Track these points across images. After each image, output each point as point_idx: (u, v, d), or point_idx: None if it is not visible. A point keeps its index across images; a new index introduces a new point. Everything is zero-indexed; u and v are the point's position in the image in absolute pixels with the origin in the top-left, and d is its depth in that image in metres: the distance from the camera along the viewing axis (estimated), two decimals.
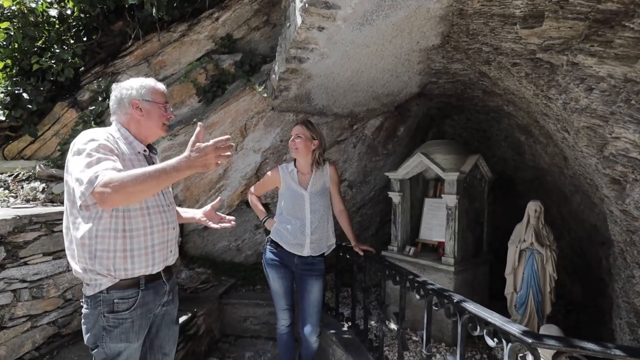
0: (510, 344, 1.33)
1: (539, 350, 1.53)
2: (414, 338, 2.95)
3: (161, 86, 1.70)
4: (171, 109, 1.74)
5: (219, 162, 1.29)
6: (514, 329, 1.31)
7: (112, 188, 1.26)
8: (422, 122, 4.37)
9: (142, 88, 1.62)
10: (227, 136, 1.30)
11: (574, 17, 1.47)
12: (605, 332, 2.50)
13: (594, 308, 2.89)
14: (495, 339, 1.41)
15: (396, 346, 2.89)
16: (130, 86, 1.62)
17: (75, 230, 1.45)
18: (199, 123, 1.33)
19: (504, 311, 2.80)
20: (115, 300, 1.49)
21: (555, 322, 2.99)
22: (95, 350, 1.50)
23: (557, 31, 1.56)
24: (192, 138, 1.29)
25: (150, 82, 1.67)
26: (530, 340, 1.24)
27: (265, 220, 2.65)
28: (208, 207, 1.89)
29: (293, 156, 2.49)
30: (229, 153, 1.30)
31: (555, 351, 1.24)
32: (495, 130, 3.68)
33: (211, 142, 1.26)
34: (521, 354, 1.30)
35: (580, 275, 3.17)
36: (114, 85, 1.66)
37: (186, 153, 1.28)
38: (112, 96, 1.65)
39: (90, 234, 1.42)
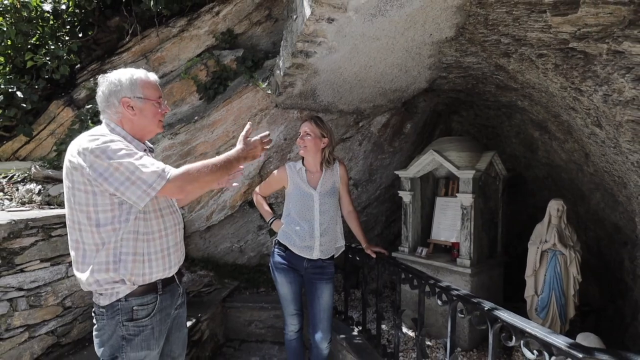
0: (553, 357, 1.23)
1: None
2: (428, 343, 2.85)
3: (153, 77, 1.54)
4: (165, 103, 1.59)
5: (261, 153, 1.56)
6: (560, 341, 1.20)
7: (190, 179, 1.34)
8: (429, 119, 4.27)
9: (132, 84, 1.45)
10: (266, 132, 1.59)
11: (615, 1, 1.36)
12: (628, 337, 2.41)
13: (613, 311, 2.79)
14: (535, 352, 1.30)
15: (410, 352, 2.79)
16: (118, 80, 1.44)
17: (99, 235, 1.35)
18: (249, 122, 1.59)
19: (519, 314, 2.71)
20: (134, 308, 1.41)
21: (572, 325, 2.90)
22: None
23: (594, 18, 1.45)
24: (243, 133, 1.53)
25: (141, 74, 1.49)
26: (581, 355, 1.13)
27: (272, 222, 2.54)
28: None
29: (301, 154, 2.38)
30: (268, 147, 1.59)
31: None
32: (506, 127, 3.58)
33: (257, 137, 1.55)
34: None
35: (597, 276, 3.07)
36: (100, 79, 1.48)
37: (240, 146, 1.50)
38: (99, 92, 1.46)
39: (116, 237, 1.35)
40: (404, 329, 2.81)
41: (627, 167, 1.64)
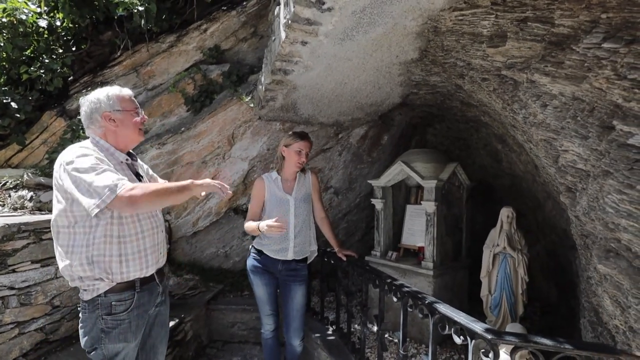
0: (474, 341, 1.44)
1: (505, 347, 1.65)
2: (395, 340, 3.05)
3: (127, 92, 1.71)
4: (142, 112, 1.75)
5: (211, 191, 1.66)
6: (477, 327, 1.42)
7: (139, 196, 1.43)
8: (405, 131, 4.51)
9: (110, 99, 1.63)
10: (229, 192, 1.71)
11: (532, 38, 1.61)
12: (575, 331, 2.63)
13: (567, 309, 3.02)
14: (461, 337, 1.51)
15: (377, 347, 2.98)
16: (97, 99, 1.62)
17: (72, 237, 1.51)
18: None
19: (482, 313, 2.92)
20: (112, 303, 1.56)
21: (531, 323, 3.12)
22: (93, 352, 1.57)
23: (518, 50, 1.69)
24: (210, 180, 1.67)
25: (116, 90, 1.67)
26: (490, 337, 1.35)
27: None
28: None
29: (295, 170, 2.53)
30: (226, 194, 1.68)
31: (513, 346, 1.35)
32: (474, 139, 3.83)
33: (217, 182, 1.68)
34: (483, 350, 1.41)
35: (554, 278, 3.31)
36: (81, 100, 1.66)
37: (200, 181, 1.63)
38: (82, 111, 1.64)
39: (87, 242, 1.50)
40: (374, 328, 2.99)
41: (553, 178, 1.88)
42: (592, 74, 1.30)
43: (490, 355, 1.35)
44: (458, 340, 1.51)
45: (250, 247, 2.65)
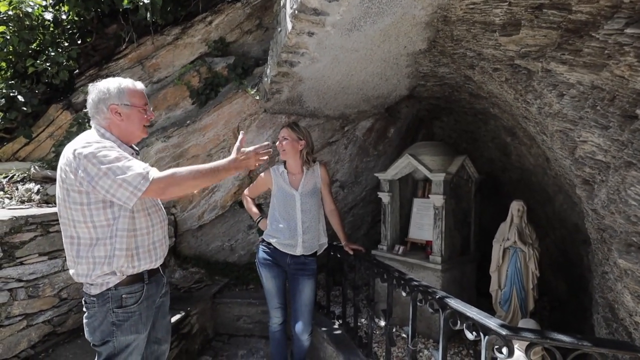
0: (487, 337, 1.41)
1: (518, 343, 1.62)
2: (403, 335, 3.03)
3: (140, 86, 1.66)
4: (151, 109, 1.71)
5: (257, 164, 1.62)
6: (491, 322, 1.39)
7: (173, 182, 1.45)
8: (412, 124, 4.45)
9: (120, 92, 1.56)
10: (266, 143, 1.67)
11: (547, 26, 1.55)
12: (587, 327, 2.59)
13: (577, 305, 2.98)
14: (474, 333, 1.48)
15: (385, 342, 2.96)
16: (106, 89, 1.55)
17: (94, 230, 1.49)
18: (242, 132, 1.66)
19: (491, 308, 2.89)
20: (123, 296, 1.56)
21: (541, 319, 3.08)
22: (103, 345, 1.56)
23: (532, 39, 1.64)
24: (237, 144, 1.60)
25: (129, 83, 1.61)
26: (504, 333, 1.32)
27: (259, 221, 2.72)
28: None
29: (282, 158, 2.56)
30: (265, 157, 1.64)
31: (528, 343, 1.32)
32: (482, 132, 3.77)
33: (252, 148, 1.61)
34: (497, 346, 1.38)
35: (564, 273, 3.26)
36: (90, 87, 1.59)
37: (233, 156, 1.58)
38: (89, 99, 1.58)
39: (111, 233, 1.49)
40: (381, 322, 2.98)
41: (568, 170, 1.83)
42: (613, 61, 1.25)
43: (504, 351, 1.32)
44: (470, 336, 1.48)
45: (260, 239, 2.64)
